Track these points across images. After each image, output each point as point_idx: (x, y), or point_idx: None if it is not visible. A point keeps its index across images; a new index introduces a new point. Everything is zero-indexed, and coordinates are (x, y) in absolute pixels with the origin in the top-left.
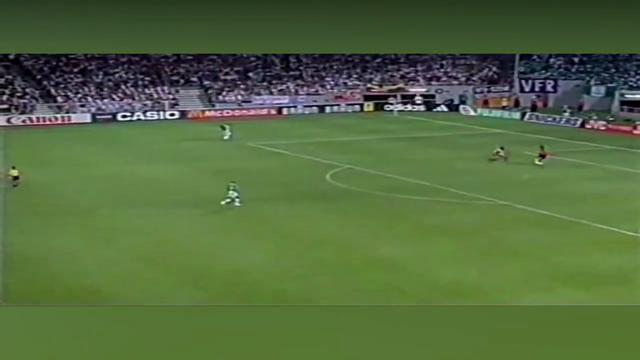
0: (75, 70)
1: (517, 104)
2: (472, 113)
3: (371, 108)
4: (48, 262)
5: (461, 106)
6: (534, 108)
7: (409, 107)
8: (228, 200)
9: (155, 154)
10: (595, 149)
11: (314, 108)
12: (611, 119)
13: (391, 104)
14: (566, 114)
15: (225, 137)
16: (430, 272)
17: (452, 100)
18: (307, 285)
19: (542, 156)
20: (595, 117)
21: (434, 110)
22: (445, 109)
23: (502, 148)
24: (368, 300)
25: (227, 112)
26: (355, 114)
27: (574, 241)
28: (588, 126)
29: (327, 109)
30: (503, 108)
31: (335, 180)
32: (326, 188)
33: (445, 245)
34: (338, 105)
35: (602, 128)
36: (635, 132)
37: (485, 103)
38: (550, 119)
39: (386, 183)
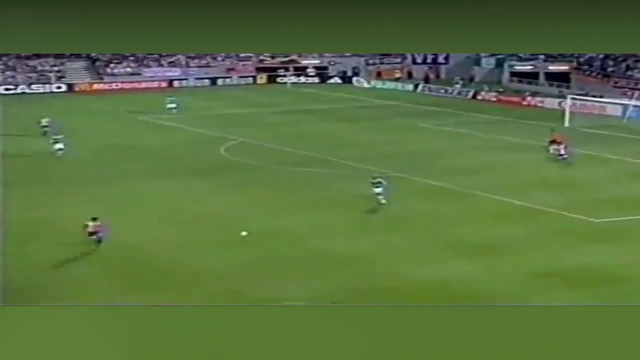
0: None
1: (410, 75)
2: (365, 85)
3: (264, 80)
4: None
5: (354, 78)
6: (426, 80)
7: (302, 79)
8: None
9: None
10: (487, 120)
11: (206, 81)
12: (502, 90)
13: (284, 76)
14: (458, 86)
15: (172, 107)
16: (324, 243)
17: (345, 72)
18: (206, 257)
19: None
20: (486, 89)
21: (328, 82)
22: (338, 80)
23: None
24: (262, 270)
25: (117, 85)
26: (248, 87)
27: (466, 211)
28: (479, 97)
29: (220, 82)
30: (396, 80)
31: (230, 153)
32: (221, 162)
33: (340, 216)
34: (230, 77)
35: (493, 99)
36: (524, 103)
37: (379, 75)
38: (442, 90)
39: (281, 156)
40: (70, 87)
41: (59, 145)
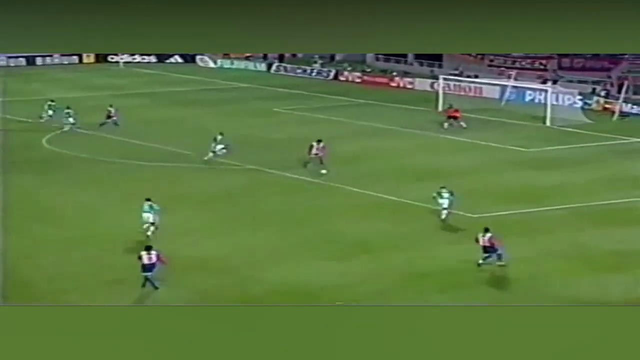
0: None
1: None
2: (211, 65)
3: (92, 59)
4: None
5: (198, 57)
6: (281, 58)
7: (137, 57)
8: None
9: None
10: (350, 103)
11: (21, 59)
12: (368, 70)
13: (115, 54)
14: (317, 65)
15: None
16: (176, 245)
17: None
18: (30, 265)
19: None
20: (349, 68)
21: (167, 61)
22: (179, 59)
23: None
24: (95, 274)
25: None
26: (73, 67)
27: (328, 207)
28: (342, 78)
29: (39, 61)
30: (247, 59)
31: (53, 145)
32: (43, 154)
33: (191, 214)
34: (51, 56)
35: (358, 80)
36: (392, 84)
37: (226, 54)
38: (300, 70)
39: (116, 147)
40: None
41: None
